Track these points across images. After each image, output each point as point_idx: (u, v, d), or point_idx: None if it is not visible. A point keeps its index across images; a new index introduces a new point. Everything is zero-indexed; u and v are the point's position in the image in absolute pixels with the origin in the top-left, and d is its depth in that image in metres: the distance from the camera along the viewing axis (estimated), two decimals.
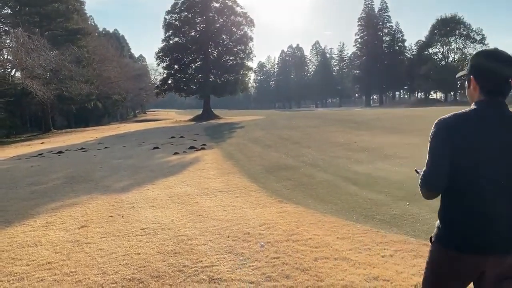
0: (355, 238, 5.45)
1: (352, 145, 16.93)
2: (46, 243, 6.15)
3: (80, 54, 42.72)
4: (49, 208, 8.72)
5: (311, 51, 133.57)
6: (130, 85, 64.51)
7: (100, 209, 8.35)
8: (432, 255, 2.25)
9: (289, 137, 21.47)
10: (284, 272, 4.39)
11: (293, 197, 8.46)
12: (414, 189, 7.63)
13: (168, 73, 49.45)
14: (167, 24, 47.95)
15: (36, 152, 23.02)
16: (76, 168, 15.16)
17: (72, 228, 6.98)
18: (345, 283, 4.03)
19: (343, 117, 34.60)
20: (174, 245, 5.55)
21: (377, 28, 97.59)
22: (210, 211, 7.52)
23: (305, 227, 6.07)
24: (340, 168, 11.95)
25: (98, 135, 35.11)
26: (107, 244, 5.88)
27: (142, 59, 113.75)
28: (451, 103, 72.59)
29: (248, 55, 48.88)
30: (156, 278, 4.44)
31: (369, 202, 7.65)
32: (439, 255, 2.19)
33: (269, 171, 12.17)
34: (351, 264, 4.53)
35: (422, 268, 4.27)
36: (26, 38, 30.52)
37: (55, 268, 5.01)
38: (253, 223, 6.44)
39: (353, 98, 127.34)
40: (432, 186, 2.16)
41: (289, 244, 5.29)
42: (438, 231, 2.22)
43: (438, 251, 2.20)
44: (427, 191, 2.19)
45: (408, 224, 6.07)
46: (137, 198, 9.29)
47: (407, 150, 14.46)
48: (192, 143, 21.84)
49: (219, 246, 5.40)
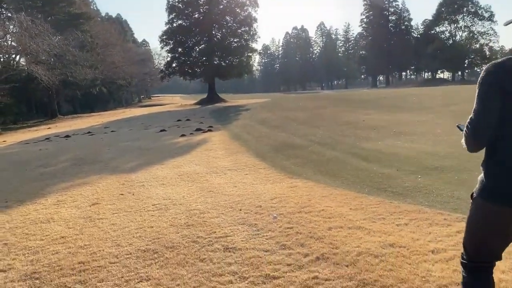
0: (368, 208, 5.40)
1: (360, 123, 16.80)
2: (58, 220, 6.17)
3: (84, 38, 42.54)
4: (60, 188, 8.75)
5: (316, 32, 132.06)
6: (134, 70, 64.28)
7: (110, 188, 8.37)
8: (474, 211, 2.17)
9: (296, 118, 21.33)
10: (298, 240, 4.36)
11: (303, 173, 8.42)
12: (426, 163, 7.55)
13: (172, 56, 49.08)
14: (170, 7, 47.40)
15: (43, 137, 23.10)
16: (84, 150, 15.20)
17: (84, 205, 7.00)
18: (360, 250, 4.00)
19: (350, 97, 34.33)
20: (186, 219, 5.54)
21: (383, 7, 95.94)
22: (220, 188, 7.50)
23: (316, 199, 6.03)
24: (349, 145, 11.86)
25: (104, 119, 35.17)
26: (119, 219, 5.89)
27: (146, 43, 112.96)
28: (458, 82, 71.68)
29: (252, 36, 48.33)
30: (171, 249, 4.43)
31: (380, 176, 7.59)
32: (482, 210, 2.11)
33: (277, 149, 12.11)
34: (366, 232, 4.49)
35: (438, 236, 4.24)
36: (30, 23, 30.36)
37: (69, 242, 5.03)
38: (264, 197, 6.41)
39: (359, 80, 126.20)
40: (478, 135, 2.05)
41: (301, 215, 5.26)
42: (481, 185, 2.13)
43: (481, 206, 2.12)
44: (473, 140, 2.08)
45: (421, 195, 6.01)
46: (146, 177, 9.30)
47: (417, 127, 14.33)
48: (199, 125, 21.80)
49: (231, 218, 5.39)
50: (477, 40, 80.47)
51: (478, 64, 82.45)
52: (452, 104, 19.68)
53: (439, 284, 3.24)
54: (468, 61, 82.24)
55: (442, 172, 7.50)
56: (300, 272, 3.63)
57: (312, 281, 3.45)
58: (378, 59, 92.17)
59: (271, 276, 3.60)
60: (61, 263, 4.32)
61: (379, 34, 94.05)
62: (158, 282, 3.65)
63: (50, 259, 4.49)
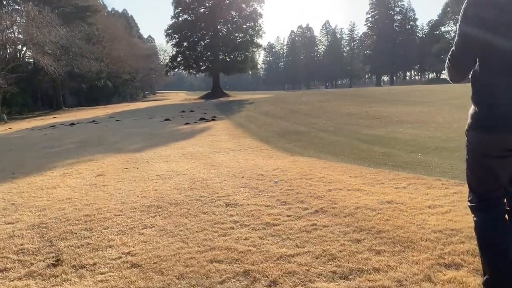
0: (367, 176, 5.51)
1: (363, 114, 16.87)
2: (64, 187, 6.30)
3: (90, 31, 42.77)
4: (65, 164, 8.88)
5: (321, 31, 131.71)
6: (140, 64, 64.45)
7: (115, 163, 8.50)
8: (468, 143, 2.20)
9: (299, 110, 21.42)
10: (298, 198, 4.48)
11: (305, 153, 8.52)
12: (427, 145, 7.63)
13: (177, 50, 49.25)
14: (177, 1, 47.53)
15: (48, 124, 23.29)
16: (88, 135, 15.36)
17: (89, 177, 7.13)
18: (358, 205, 4.10)
19: (353, 92, 34.38)
20: (190, 184, 5.66)
21: (388, 7, 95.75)
22: (223, 163, 7.61)
23: (317, 170, 6.14)
24: (351, 132, 11.96)
25: (109, 111, 35.34)
26: (124, 185, 6.01)
27: (151, 39, 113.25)
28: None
29: (257, 32, 48.41)
30: (174, 205, 4.55)
31: (381, 154, 7.69)
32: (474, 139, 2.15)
33: (280, 135, 12.22)
34: (365, 193, 4.60)
35: (435, 196, 4.35)
36: (37, 13, 30.55)
37: (75, 201, 5.16)
38: (266, 168, 6.53)
39: (364, 79, 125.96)
40: (459, 68, 2.12)
41: (302, 181, 5.37)
42: (470, 118, 2.16)
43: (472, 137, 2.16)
44: (455, 72, 2.15)
45: (421, 168, 6.11)
46: (150, 155, 9.42)
47: (419, 116, 14.39)
48: (203, 115, 21.92)
49: (233, 183, 5.50)
50: None
51: None
52: (453, 98, 19.72)
53: (434, 230, 3.34)
54: None
55: (442, 151, 7.58)
56: (299, 221, 3.74)
57: (311, 227, 3.56)
58: (383, 58, 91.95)
59: (271, 224, 3.71)
60: (67, 216, 4.45)
61: (384, 34, 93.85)
62: (162, 229, 3.77)
63: (56, 214, 4.62)
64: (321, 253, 3.01)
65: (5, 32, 32.55)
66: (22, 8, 34.82)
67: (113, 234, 3.71)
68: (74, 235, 3.78)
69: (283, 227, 3.61)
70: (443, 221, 3.54)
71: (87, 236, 3.71)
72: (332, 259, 2.90)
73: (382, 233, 3.33)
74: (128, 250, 3.30)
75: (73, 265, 3.09)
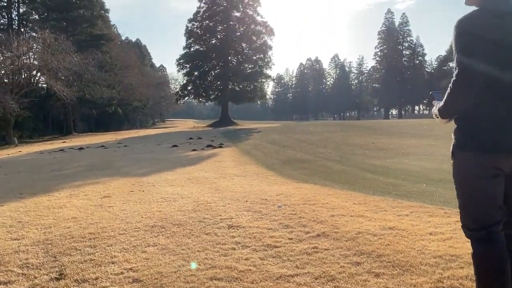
0: (371, 203, 5.53)
1: (370, 145, 16.93)
2: (70, 207, 6.38)
3: (103, 59, 43.82)
4: (72, 185, 8.99)
5: (330, 64, 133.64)
6: (151, 92, 65.59)
7: (121, 186, 8.59)
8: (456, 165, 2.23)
9: (306, 139, 21.54)
10: (300, 222, 4.51)
11: (310, 180, 8.56)
12: (432, 176, 7.67)
13: (188, 79, 50.22)
14: (189, 32, 48.86)
15: (57, 148, 23.61)
16: (96, 159, 15.54)
17: (95, 198, 7.21)
18: (360, 230, 4.12)
19: (360, 124, 34.54)
20: (193, 206, 5.72)
21: (397, 42, 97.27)
22: (228, 188, 7.67)
23: (321, 196, 6.17)
24: (357, 162, 11.99)
25: (118, 137, 35.75)
26: (129, 206, 6.08)
27: (163, 69, 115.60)
28: None
29: (267, 63, 49.36)
30: (177, 226, 4.60)
31: (386, 183, 7.70)
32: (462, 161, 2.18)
33: (285, 163, 12.29)
34: (367, 219, 4.62)
35: (437, 224, 4.37)
36: (53, 40, 31.52)
37: (80, 220, 5.23)
38: (270, 193, 6.57)
39: (372, 112, 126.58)
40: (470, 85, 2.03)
41: (306, 206, 5.40)
42: (456, 140, 2.21)
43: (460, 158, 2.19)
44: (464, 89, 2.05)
45: (424, 197, 6.12)
46: (156, 179, 9.51)
47: (426, 149, 14.43)
48: (210, 142, 22.11)
49: (237, 207, 5.55)
50: None
51: None
52: None
53: (433, 255, 3.35)
54: None
55: (446, 182, 7.56)
56: (301, 244, 3.77)
57: (312, 250, 3.59)
58: (391, 92, 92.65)
59: (272, 245, 3.74)
60: (72, 234, 4.51)
61: (392, 68, 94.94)
62: (164, 247, 3.82)
63: (61, 231, 4.69)
64: (321, 274, 3.03)
65: (21, 58, 33.53)
66: (39, 35, 35.97)
67: (116, 251, 3.76)
68: (78, 251, 3.83)
69: (284, 249, 3.64)
70: (444, 247, 3.55)
71: (91, 253, 3.77)
72: (331, 280, 2.92)
73: (382, 257, 3.35)
74: (130, 266, 3.35)
75: (75, 279, 3.14)
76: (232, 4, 48.28)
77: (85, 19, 46.49)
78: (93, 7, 48.04)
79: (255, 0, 49.35)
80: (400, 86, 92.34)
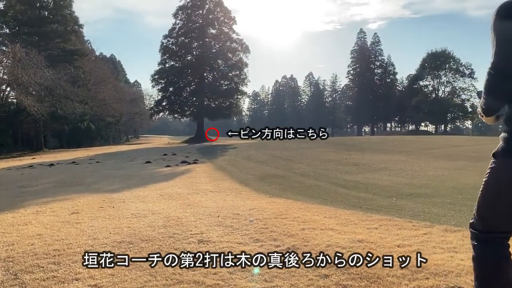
0: (341, 217, 5.58)
1: (343, 161, 17.15)
2: (36, 223, 6.18)
3: (76, 74, 43.13)
4: (40, 202, 8.72)
5: (305, 81, 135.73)
6: (125, 108, 64.77)
7: (91, 203, 8.38)
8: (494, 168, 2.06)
9: (281, 155, 21.65)
10: (271, 236, 4.50)
11: (283, 195, 8.59)
12: (402, 191, 7.82)
13: (162, 95, 50.01)
14: (164, 48, 48.85)
15: (26, 165, 22.88)
16: (66, 175, 15.15)
17: (63, 214, 7.01)
18: (330, 243, 4.15)
19: (334, 141, 34.95)
20: (164, 222, 5.63)
21: (369, 60, 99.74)
22: (200, 203, 7.60)
23: (293, 211, 6.19)
24: (329, 177, 12.11)
25: (90, 153, 35.01)
26: (98, 223, 5.93)
27: (138, 85, 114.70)
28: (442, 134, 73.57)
29: (243, 80, 49.72)
30: (146, 241, 4.52)
31: (357, 198, 7.80)
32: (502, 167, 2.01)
33: (260, 178, 12.29)
34: (337, 232, 4.65)
35: (406, 236, 4.42)
36: (24, 55, 30.86)
37: (45, 237, 5.06)
38: (243, 208, 6.55)
39: (345, 129, 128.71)
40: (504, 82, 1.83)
41: (277, 220, 5.40)
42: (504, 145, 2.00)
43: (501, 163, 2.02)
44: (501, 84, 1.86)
45: (394, 211, 6.22)
46: (127, 196, 9.33)
47: (397, 164, 14.70)
48: (185, 158, 21.90)
49: (208, 222, 5.50)
50: (459, 95, 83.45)
51: (460, 118, 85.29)
52: (430, 148, 20.31)
53: (400, 267, 3.39)
54: (450, 115, 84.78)
55: (416, 197, 7.74)
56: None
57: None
58: (364, 109, 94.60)
59: None
60: (36, 251, 4.36)
61: (365, 86, 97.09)
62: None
63: (24, 248, 4.52)
64: (289, 287, 3.02)
65: None
66: (8, 49, 35.16)
67: (81, 268, 3.64)
68: (41, 269, 3.70)
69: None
70: (412, 259, 3.59)
71: (54, 270, 3.64)
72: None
73: (351, 269, 3.37)
74: (95, 282, 3.26)
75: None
76: (207, 21, 48.67)
77: (58, 34, 45.77)
78: (67, 22, 47.45)
79: (230, 18, 49.94)
80: (372, 103, 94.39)
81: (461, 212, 5.81)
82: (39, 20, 44.32)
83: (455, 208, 6.11)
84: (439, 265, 3.40)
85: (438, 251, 3.87)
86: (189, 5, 49.24)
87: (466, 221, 5.25)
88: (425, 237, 4.37)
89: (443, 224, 5.06)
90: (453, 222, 5.20)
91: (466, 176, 10.56)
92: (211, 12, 49.37)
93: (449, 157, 16.46)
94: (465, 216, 5.56)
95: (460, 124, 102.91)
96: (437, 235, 4.46)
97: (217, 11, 49.55)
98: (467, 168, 12.62)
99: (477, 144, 22.48)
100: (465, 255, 3.65)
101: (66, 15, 48.18)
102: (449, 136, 36.93)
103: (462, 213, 5.78)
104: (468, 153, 17.30)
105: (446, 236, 4.43)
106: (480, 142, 25.36)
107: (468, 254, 3.69)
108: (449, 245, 4.04)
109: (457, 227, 4.85)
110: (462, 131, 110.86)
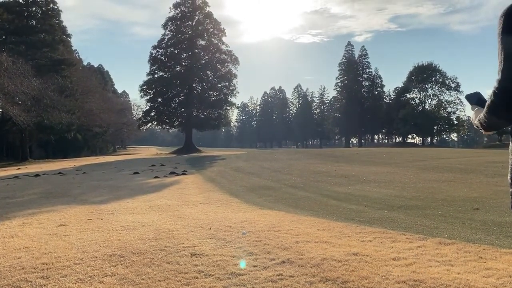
0: (335, 229, 5.54)
1: (332, 172, 17.17)
2: (22, 236, 6.02)
3: (63, 84, 42.75)
4: (26, 214, 8.54)
5: (293, 93, 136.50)
6: (112, 118, 64.22)
7: (79, 214, 8.23)
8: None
9: (270, 167, 21.62)
10: (265, 249, 4.44)
11: (275, 207, 8.53)
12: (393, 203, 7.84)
13: (151, 106, 49.78)
14: (153, 59, 48.77)
15: (11, 175, 22.47)
16: (53, 186, 14.89)
17: (50, 226, 6.86)
18: (325, 256, 4.10)
19: (323, 152, 35.11)
20: (155, 234, 5.53)
21: (357, 73, 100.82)
22: (191, 215, 7.51)
23: (286, 223, 6.14)
24: (320, 188, 12.10)
25: (77, 163, 34.56)
26: (87, 235, 5.81)
27: (125, 95, 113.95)
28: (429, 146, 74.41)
29: (231, 91, 49.82)
30: (137, 255, 4.41)
31: (349, 210, 7.78)
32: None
33: (250, 190, 12.23)
34: (332, 245, 4.61)
35: (400, 249, 4.40)
36: (10, 64, 30.50)
37: (33, 250, 4.92)
38: (234, 220, 6.48)
39: (333, 140, 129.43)
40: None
41: (270, 232, 5.34)
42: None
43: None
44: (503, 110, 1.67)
45: (387, 223, 6.20)
46: (116, 207, 9.19)
47: (386, 176, 14.75)
48: (173, 169, 21.74)
49: (201, 234, 5.41)
50: (445, 108, 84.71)
51: (446, 130, 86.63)
52: (418, 160, 20.47)
53: (397, 280, 3.37)
54: (437, 127, 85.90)
55: (407, 209, 7.75)
56: (265, 271, 3.70)
57: (277, 277, 3.52)
58: (352, 121, 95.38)
59: (237, 273, 3.64)
60: (23, 264, 4.22)
61: (353, 98, 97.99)
62: (123, 277, 3.63)
63: (11, 262, 4.39)
64: None
65: None
66: None
67: (71, 282, 3.54)
68: (29, 283, 3.58)
69: (248, 277, 3.55)
70: (407, 272, 3.57)
71: (43, 284, 3.53)
72: None
73: (347, 283, 3.33)
74: None
75: None
76: (197, 32, 48.81)
77: (45, 43, 45.40)
78: (55, 31, 47.14)
79: (220, 30, 50.16)
80: (360, 115, 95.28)
81: (453, 225, 5.82)
82: (26, 29, 43.99)
83: (447, 220, 6.12)
84: (436, 279, 3.37)
85: (433, 264, 3.85)
86: (178, 16, 49.39)
87: (459, 233, 5.27)
88: (420, 249, 4.36)
89: (436, 236, 5.06)
90: (446, 234, 5.20)
91: (455, 189, 10.63)
92: (200, 24, 49.55)
93: (437, 169, 16.58)
94: (458, 228, 5.57)
95: (446, 136, 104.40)
96: (431, 248, 4.44)
97: (207, 23, 49.76)
98: (455, 180, 12.72)
99: (464, 156, 22.73)
100: (461, 268, 3.64)
101: (54, 25, 47.88)
102: (437, 148, 37.40)
103: (454, 225, 5.79)
104: (455, 165, 17.46)
105: (441, 248, 4.42)
106: (466, 154, 25.66)
107: (464, 267, 3.69)
108: (444, 258, 4.03)
109: (450, 240, 4.85)
110: (448, 143, 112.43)
